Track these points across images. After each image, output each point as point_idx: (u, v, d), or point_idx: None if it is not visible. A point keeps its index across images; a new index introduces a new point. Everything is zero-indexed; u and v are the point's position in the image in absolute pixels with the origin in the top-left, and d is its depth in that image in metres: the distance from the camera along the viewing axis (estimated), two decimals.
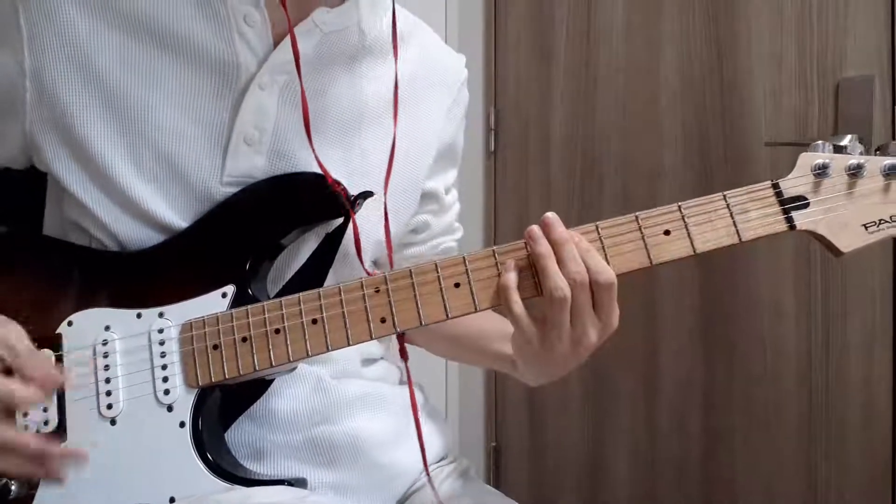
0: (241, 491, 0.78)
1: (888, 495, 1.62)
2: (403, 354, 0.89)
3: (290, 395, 0.89)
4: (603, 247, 0.78)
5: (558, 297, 0.76)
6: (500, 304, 0.79)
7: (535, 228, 0.78)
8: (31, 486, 0.78)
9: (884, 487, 1.62)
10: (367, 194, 0.86)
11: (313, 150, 0.84)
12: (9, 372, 0.75)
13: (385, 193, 0.89)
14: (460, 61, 1.05)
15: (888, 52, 1.57)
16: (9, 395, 0.74)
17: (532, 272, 0.78)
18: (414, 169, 0.97)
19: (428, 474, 0.88)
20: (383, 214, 0.89)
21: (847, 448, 1.66)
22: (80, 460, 0.77)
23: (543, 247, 0.77)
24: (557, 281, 0.76)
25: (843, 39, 1.63)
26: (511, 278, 0.78)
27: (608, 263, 0.78)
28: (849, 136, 1.52)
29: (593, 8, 2.00)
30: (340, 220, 0.85)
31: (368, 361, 0.98)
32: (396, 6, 0.96)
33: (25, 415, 0.79)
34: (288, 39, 0.84)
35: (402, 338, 0.87)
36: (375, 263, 0.96)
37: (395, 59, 0.92)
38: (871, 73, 1.59)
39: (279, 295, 0.81)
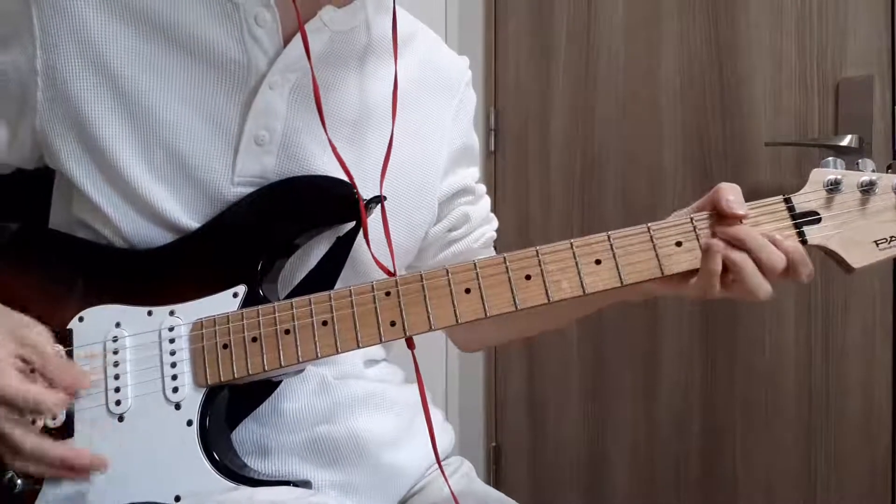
0: (245, 490, 0.78)
1: (888, 495, 1.62)
2: (410, 344, 0.89)
3: (294, 395, 0.89)
4: (614, 256, 0.79)
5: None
6: (511, 310, 0.79)
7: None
8: (35, 482, 0.78)
9: (884, 487, 1.62)
10: (379, 198, 0.86)
11: (332, 147, 0.84)
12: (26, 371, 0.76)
13: (381, 190, 0.88)
14: (463, 63, 1.06)
15: (888, 52, 1.58)
16: (37, 402, 0.74)
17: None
18: (423, 172, 0.97)
19: (440, 464, 0.88)
20: (381, 213, 0.89)
21: (847, 448, 1.67)
22: (103, 467, 0.78)
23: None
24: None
25: (843, 39, 1.63)
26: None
27: (618, 272, 0.78)
28: (849, 137, 1.54)
29: (593, 8, 2.00)
30: (353, 223, 0.85)
31: (371, 362, 0.98)
32: (399, 9, 0.96)
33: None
34: (298, 37, 0.85)
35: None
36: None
37: (395, 59, 0.92)
38: (871, 73, 1.59)
39: (290, 297, 0.81)
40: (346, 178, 0.84)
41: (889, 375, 1.61)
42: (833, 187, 0.80)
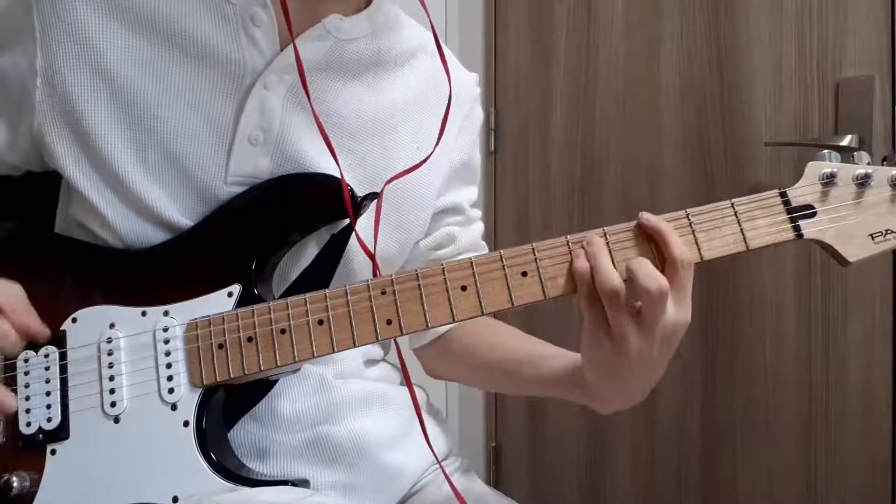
0: (244, 491, 0.78)
1: (888, 495, 1.61)
2: (400, 357, 0.89)
3: (293, 395, 0.88)
4: (610, 251, 0.78)
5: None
6: (507, 308, 0.79)
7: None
8: (33, 483, 0.78)
9: (884, 487, 1.62)
10: (372, 196, 0.86)
11: (330, 147, 0.84)
12: None
13: (381, 194, 0.88)
14: (472, 79, 1.05)
15: (888, 52, 1.57)
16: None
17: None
18: (420, 186, 0.96)
19: (441, 466, 0.88)
20: (374, 218, 0.88)
21: (847, 448, 1.66)
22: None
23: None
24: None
25: (843, 39, 1.63)
26: (583, 264, 0.76)
27: (614, 268, 0.77)
28: (849, 137, 1.53)
29: (593, 8, 2.00)
30: (347, 221, 0.85)
31: (371, 362, 0.98)
32: (411, 21, 0.98)
33: (28, 411, 0.79)
34: (298, 40, 0.85)
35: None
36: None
37: (448, 78, 0.92)
38: (871, 73, 1.59)
39: (284, 296, 0.81)
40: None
41: (889, 375, 1.61)
42: (828, 180, 0.79)
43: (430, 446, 0.86)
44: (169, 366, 0.80)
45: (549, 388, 0.95)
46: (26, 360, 0.80)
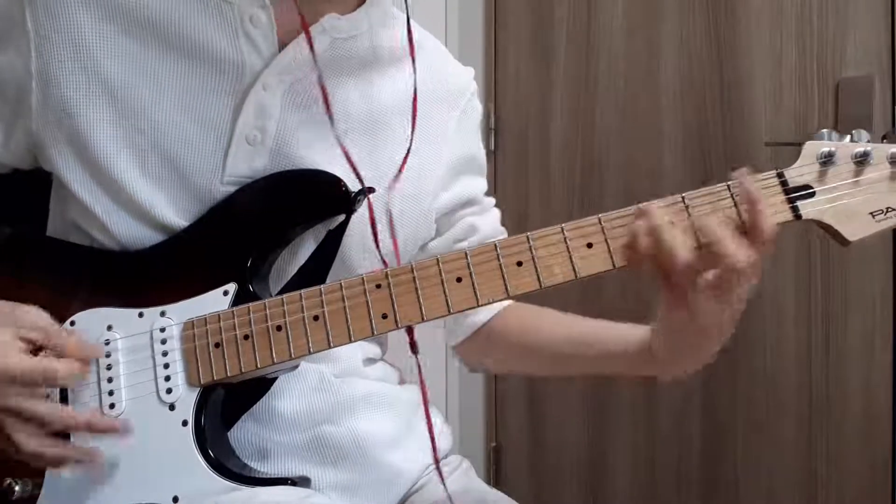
0: (244, 490, 0.78)
1: (888, 495, 1.62)
2: (414, 348, 0.88)
3: (293, 395, 0.88)
4: (605, 240, 0.77)
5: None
6: (503, 298, 0.78)
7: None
8: (35, 487, 0.78)
9: (884, 487, 1.62)
10: (368, 190, 0.86)
11: (339, 141, 0.84)
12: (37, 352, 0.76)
13: (388, 197, 0.89)
14: (468, 74, 1.05)
15: (888, 52, 1.58)
16: (52, 372, 0.75)
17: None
18: (419, 182, 0.96)
19: (438, 467, 0.88)
20: (369, 216, 0.88)
21: (847, 449, 1.66)
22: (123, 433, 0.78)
23: None
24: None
25: (843, 39, 1.63)
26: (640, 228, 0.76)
27: (610, 256, 0.77)
28: (849, 136, 1.52)
29: (593, 8, 2.00)
30: (342, 217, 0.85)
31: (370, 361, 0.98)
32: (409, 17, 0.97)
33: None
34: (296, 41, 0.85)
35: (410, 331, 0.86)
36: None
37: (413, 65, 0.92)
38: (871, 73, 1.59)
39: (281, 293, 0.81)
40: (336, 175, 0.84)
41: (889, 375, 1.61)
42: (826, 160, 0.77)
43: (434, 446, 0.86)
44: (166, 366, 0.80)
45: (610, 366, 0.95)
46: None
